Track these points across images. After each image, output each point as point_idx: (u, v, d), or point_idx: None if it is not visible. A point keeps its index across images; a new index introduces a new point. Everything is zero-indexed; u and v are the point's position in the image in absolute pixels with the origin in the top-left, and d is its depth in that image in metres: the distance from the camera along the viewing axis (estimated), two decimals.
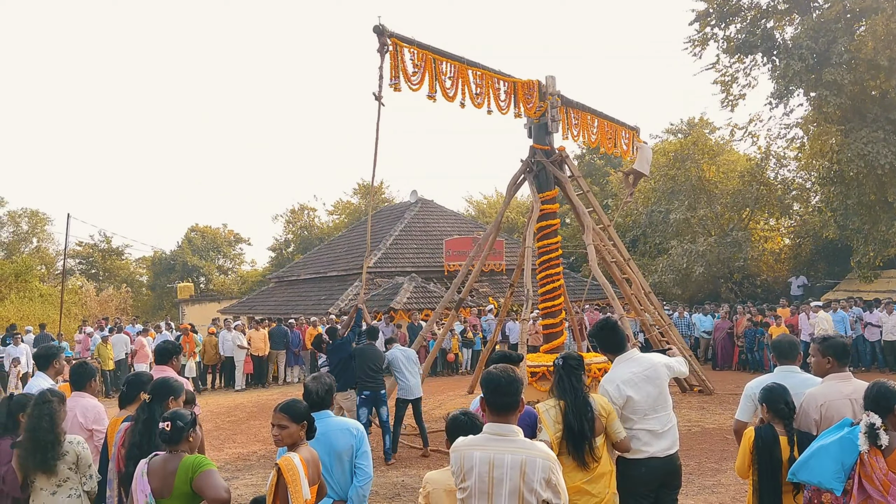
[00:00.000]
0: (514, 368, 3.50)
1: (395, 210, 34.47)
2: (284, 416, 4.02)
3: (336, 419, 4.56)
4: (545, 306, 12.74)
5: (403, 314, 22.20)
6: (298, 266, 34.43)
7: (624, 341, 4.96)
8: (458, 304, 15.21)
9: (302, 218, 53.59)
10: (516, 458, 3.30)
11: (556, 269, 12.82)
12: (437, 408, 14.36)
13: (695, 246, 24.74)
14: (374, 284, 26.21)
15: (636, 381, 4.76)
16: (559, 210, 14.60)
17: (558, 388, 4.54)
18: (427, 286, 24.80)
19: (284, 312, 27.41)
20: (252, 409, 15.43)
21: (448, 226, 31.56)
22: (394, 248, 28.65)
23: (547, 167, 13.13)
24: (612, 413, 4.61)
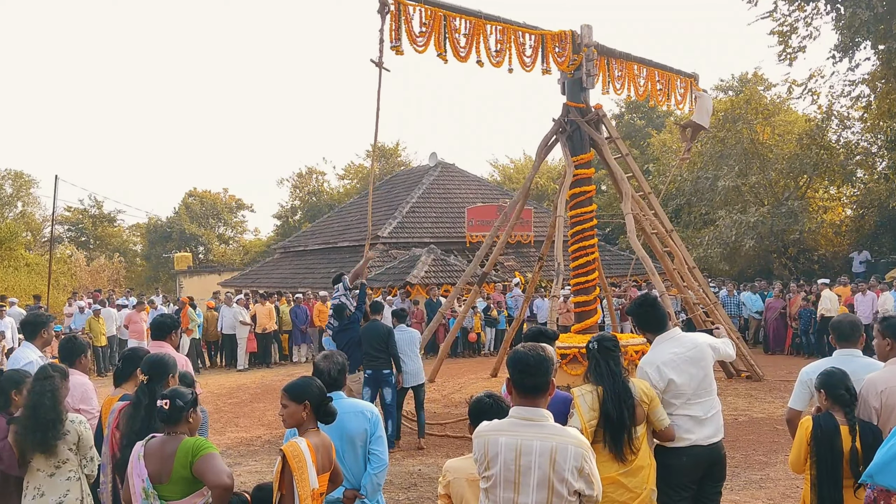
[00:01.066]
0: (544, 346, 3.49)
1: (413, 174, 34.44)
2: (284, 394, 4.10)
3: (349, 401, 4.60)
4: (578, 282, 12.72)
5: (421, 289, 22.28)
6: (306, 235, 34.60)
7: (665, 319, 4.95)
8: (482, 279, 15.23)
9: (310, 183, 53.73)
10: (546, 445, 3.30)
11: (591, 242, 12.76)
12: (458, 391, 14.46)
13: (745, 216, 24.48)
14: (388, 256, 26.29)
15: (678, 362, 4.75)
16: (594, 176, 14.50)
17: (594, 374, 4.54)
18: (447, 259, 24.84)
19: (291, 286, 27.63)
20: (256, 390, 15.63)
21: (471, 192, 31.49)
22: (411, 217, 28.68)
23: (582, 127, 13.02)
24: (655, 399, 4.61)
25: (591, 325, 12.46)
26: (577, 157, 12.97)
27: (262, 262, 37.37)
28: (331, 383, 4.49)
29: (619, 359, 4.58)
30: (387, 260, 25.98)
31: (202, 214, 54.18)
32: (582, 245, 12.71)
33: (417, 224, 28.45)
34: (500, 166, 50.65)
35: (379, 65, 10.12)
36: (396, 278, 23.16)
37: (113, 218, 53.03)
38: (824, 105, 25.24)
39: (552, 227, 14.14)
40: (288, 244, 34.98)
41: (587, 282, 12.63)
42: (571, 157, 12.97)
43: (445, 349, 15.88)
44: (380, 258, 26.06)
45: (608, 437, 4.39)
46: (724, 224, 25.16)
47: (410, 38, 10.24)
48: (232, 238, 56.77)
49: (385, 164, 50.26)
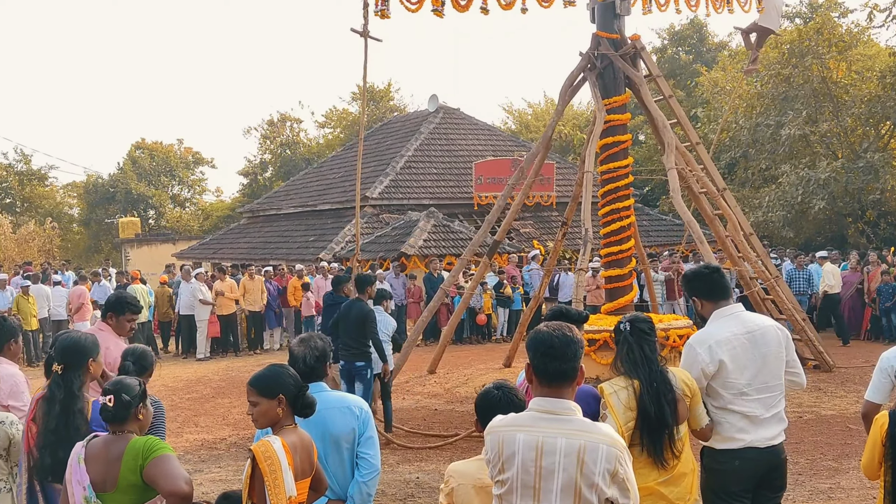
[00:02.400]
0: (571, 327, 3.50)
1: (408, 122, 34.35)
2: (252, 389, 4.09)
3: (333, 394, 4.60)
4: (609, 252, 12.73)
5: (419, 261, 22.33)
6: (279, 196, 34.62)
7: (729, 289, 4.99)
8: (493, 249, 15.24)
9: (283, 132, 53.61)
10: (573, 443, 3.31)
11: (625, 203, 12.76)
12: (464, 384, 14.55)
13: (814, 172, 24.42)
14: (378, 222, 26.31)
15: (735, 344, 4.77)
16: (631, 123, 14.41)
17: (627, 362, 4.56)
18: (450, 224, 24.85)
19: (261, 257, 27.69)
20: (219, 383, 15.74)
21: (479, 143, 31.41)
22: (406, 174, 28.65)
23: (615, 63, 12.95)
24: (698, 393, 4.67)
25: (625, 305, 12.48)
26: (610, 99, 12.91)
27: (226, 228, 37.39)
28: (307, 372, 4.47)
29: (654, 344, 4.59)
30: (377, 226, 25.99)
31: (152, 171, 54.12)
32: (615, 207, 12.70)
33: (414, 182, 28.41)
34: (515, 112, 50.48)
35: (364, 34, 10.10)
36: (389, 248, 23.20)
37: (44, 175, 52.98)
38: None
39: (579, 185, 14.11)
40: (257, 207, 34.98)
41: (620, 252, 12.64)
42: (602, 101, 12.92)
43: (449, 334, 15.94)
44: (368, 224, 26.06)
45: (646, 439, 4.41)
46: (789, 182, 25.11)
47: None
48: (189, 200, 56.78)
49: (374, 110, 50.09)
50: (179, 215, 54.03)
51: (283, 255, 26.90)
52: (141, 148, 55.11)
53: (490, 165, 27.74)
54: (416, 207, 26.74)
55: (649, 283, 17.15)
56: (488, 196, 26.87)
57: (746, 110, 28.03)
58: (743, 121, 27.91)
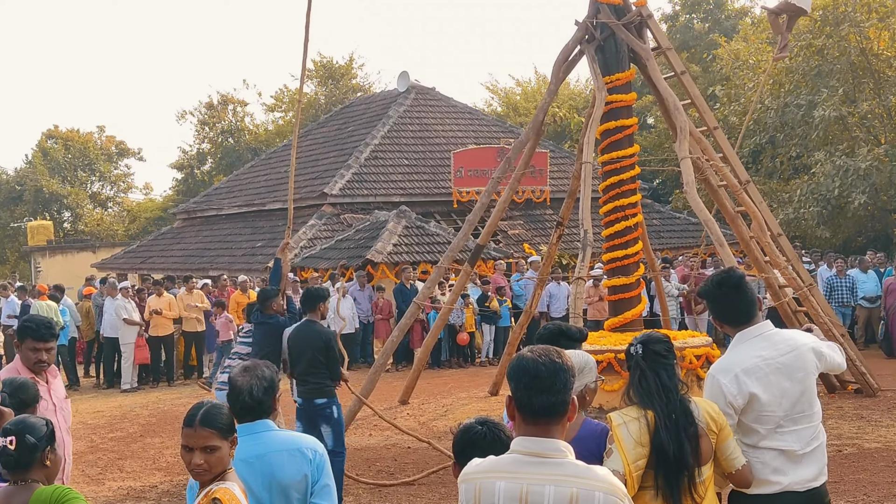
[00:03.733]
0: (561, 351, 3.48)
1: (374, 104, 34.35)
2: (211, 431, 3.98)
3: (281, 435, 4.59)
4: (613, 258, 12.75)
5: (388, 270, 22.29)
6: (220, 193, 34.50)
7: (753, 306, 4.95)
8: (476, 256, 15.23)
9: (225, 117, 53.46)
10: (563, 491, 3.29)
11: (632, 199, 12.79)
12: (442, 416, 14.52)
13: (853, 161, 24.58)
14: (339, 223, 26.25)
15: (766, 371, 4.75)
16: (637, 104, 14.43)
17: (640, 391, 4.53)
18: (425, 226, 24.85)
19: (199, 267, 27.55)
20: (149, 419, 15.63)
21: (459, 129, 31.45)
22: (372, 166, 28.63)
23: (617, 34, 12.99)
24: (726, 427, 4.59)
25: (632, 320, 12.48)
26: (612, 77, 12.94)
27: (157, 232, 37.19)
28: (253, 407, 4.45)
29: (673, 368, 4.57)
30: (337, 229, 25.92)
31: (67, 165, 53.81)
32: (619, 204, 12.72)
33: (382, 176, 28.38)
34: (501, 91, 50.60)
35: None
36: (352, 255, 23.16)
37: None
38: None
39: (576, 178, 14.13)
40: (194, 207, 34.84)
41: (626, 257, 12.65)
42: (603, 78, 12.95)
43: (424, 357, 15.90)
44: (327, 226, 25.99)
45: (661, 482, 4.39)
46: (824, 172, 25.25)
47: None
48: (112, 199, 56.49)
49: (333, 90, 50.06)
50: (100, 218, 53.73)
51: (226, 265, 26.78)
52: (53, 137, 54.77)
53: (472, 155, 27.75)
54: (384, 206, 26.69)
55: (660, 294, 17.19)
56: (470, 192, 26.87)
57: (773, 88, 28.16)
58: (769, 100, 28.03)
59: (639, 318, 12.81)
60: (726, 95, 31.04)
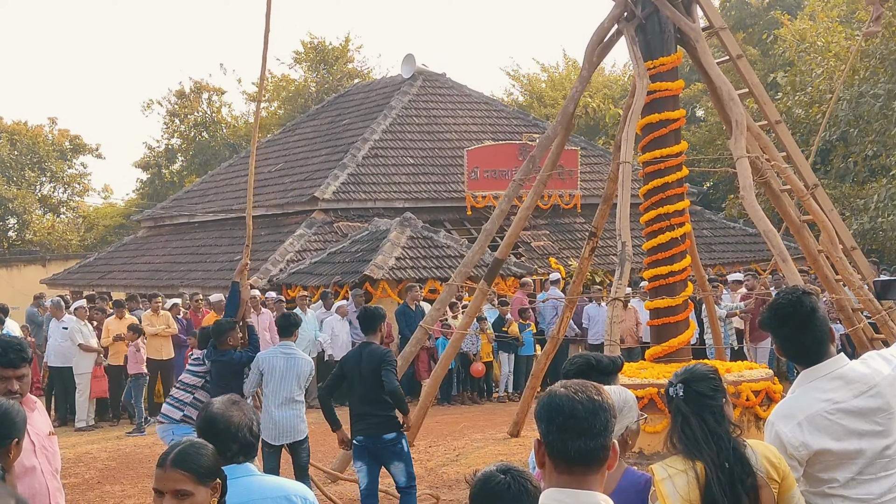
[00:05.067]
0: (599, 387, 3.49)
1: (374, 93, 34.40)
2: (184, 474, 4.01)
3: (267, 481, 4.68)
4: (655, 275, 12.72)
5: (389, 289, 22.29)
6: (192, 197, 34.56)
7: (825, 339, 4.85)
8: (494, 272, 15.23)
9: (198, 107, 53.56)
10: None
11: (678, 206, 12.76)
12: (454, 461, 14.51)
13: None
14: (333, 232, 26.26)
15: (837, 418, 4.71)
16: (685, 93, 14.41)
17: (684, 438, 4.52)
18: (434, 236, 24.85)
19: (168, 283, 27.58)
20: (108, 462, 15.65)
21: (474, 122, 31.47)
22: (371, 165, 28.65)
23: (662, 11, 12.98)
24: (789, 475, 4.57)
25: (678, 348, 12.45)
26: (656, 61, 12.93)
27: (119, 243, 37.24)
28: (247, 447, 4.60)
29: (722, 410, 4.56)
30: (331, 239, 25.92)
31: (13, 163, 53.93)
32: (663, 212, 12.69)
33: (382, 177, 28.39)
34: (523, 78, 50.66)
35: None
36: (347, 270, 23.16)
37: None
38: None
39: (613, 181, 14.12)
40: (162, 213, 34.88)
41: (671, 274, 12.62)
42: (645, 63, 12.93)
43: (432, 391, 15.86)
44: (318, 236, 26.00)
45: None
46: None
47: None
48: (65, 203, 56.56)
49: (325, 76, 50.16)
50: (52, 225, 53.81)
51: (199, 281, 26.77)
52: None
53: (489, 153, 27.75)
54: (386, 212, 26.71)
55: (712, 318, 17.16)
56: (486, 196, 26.85)
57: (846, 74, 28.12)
58: (841, 90, 27.97)
59: (686, 346, 12.76)
60: (790, 83, 30.97)
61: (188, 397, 11.00)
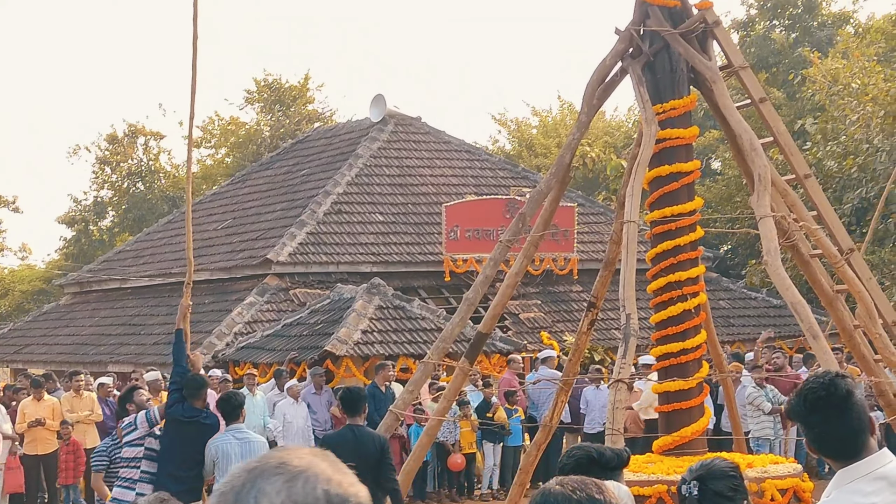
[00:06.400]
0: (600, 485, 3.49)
1: (338, 139, 34.47)
2: None
3: None
4: (665, 352, 12.72)
5: (354, 366, 22.22)
6: (125, 259, 34.45)
7: (863, 434, 4.85)
8: (476, 348, 15.20)
9: (133, 154, 53.54)
10: None
11: (691, 272, 12.79)
12: None
13: None
14: (288, 300, 26.18)
15: None
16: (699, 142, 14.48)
17: None
18: (406, 305, 24.83)
19: (94, 359, 27.40)
20: None
21: (453, 173, 31.56)
22: (334, 223, 28.64)
23: (674, 47, 13.09)
24: None
25: (692, 439, 12.44)
26: (666, 105, 13.00)
27: (38, 311, 37.08)
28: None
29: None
30: (286, 308, 25.85)
31: None
32: (673, 280, 12.72)
33: (347, 237, 28.38)
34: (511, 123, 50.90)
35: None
36: (305, 344, 23.09)
37: None
38: None
39: (615, 243, 14.14)
40: (89, 276, 34.75)
41: (683, 352, 12.62)
42: (653, 107, 13.00)
43: (404, 487, 15.73)
44: (272, 305, 25.93)
45: None
46: None
47: None
48: None
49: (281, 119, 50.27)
50: None
51: (132, 357, 26.64)
52: None
53: (471, 210, 27.81)
54: (350, 277, 26.70)
55: (730, 404, 17.13)
56: (468, 259, 26.87)
57: (885, 122, 28.35)
58: (879, 139, 28.22)
59: (700, 435, 12.73)
60: (820, 131, 31.23)
61: (135, 473, 11.09)
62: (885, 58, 31.52)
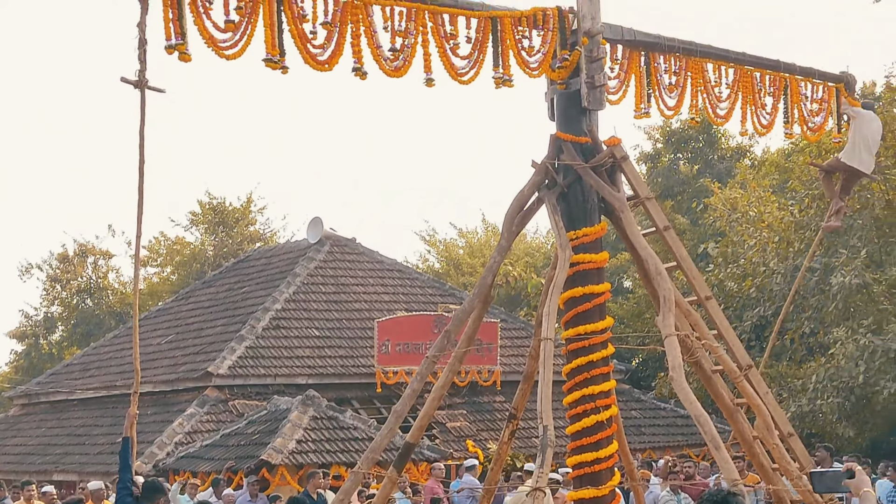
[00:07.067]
0: None
1: (277, 258, 34.46)
2: None
3: None
4: (580, 461, 12.69)
5: (288, 475, 21.99)
6: (73, 372, 34.02)
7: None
8: (404, 456, 15.10)
9: (82, 272, 53.13)
10: None
11: (604, 386, 12.80)
12: None
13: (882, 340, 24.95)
14: (228, 411, 25.95)
15: None
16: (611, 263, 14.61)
17: None
18: (340, 416, 24.67)
19: (41, 469, 26.95)
20: None
21: (385, 291, 31.58)
22: (272, 338, 28.50)
23: (585, 179, 13.22)
24: None
25: None
26: (578, 232, 13.07)
27: None
28: None
29: None
30: (225, 419, 25.60)
31: None
32: (587, 393, 12.71)
33: (284, 350, 28.23)
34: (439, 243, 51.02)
35: (139, 84, 10.29)
36: (243, 454, 22.85)
37: None
38: None
39: (533, 358, 14.14)
40: (37, 389, 34.27)
41: (597, 461, 12.60)
42: (568, 233, 13.09)
43: None
44: (211, 416, 25.67)
45: None
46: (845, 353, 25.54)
47: (205, 32, 10.47)
48: None
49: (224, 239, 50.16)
50: None
51: (77, 466, 26.23)
52: None
53: (401, 325, 27.81)
54: (287, 389, 26.50)
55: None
56: (398, 372, 26.80)
57: (780, 247, 28.67)
58: (775, 263, 28.51)
59: None
60: (721, 255, 31.56)
61: None
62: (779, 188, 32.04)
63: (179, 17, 10.25)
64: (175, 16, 10.25)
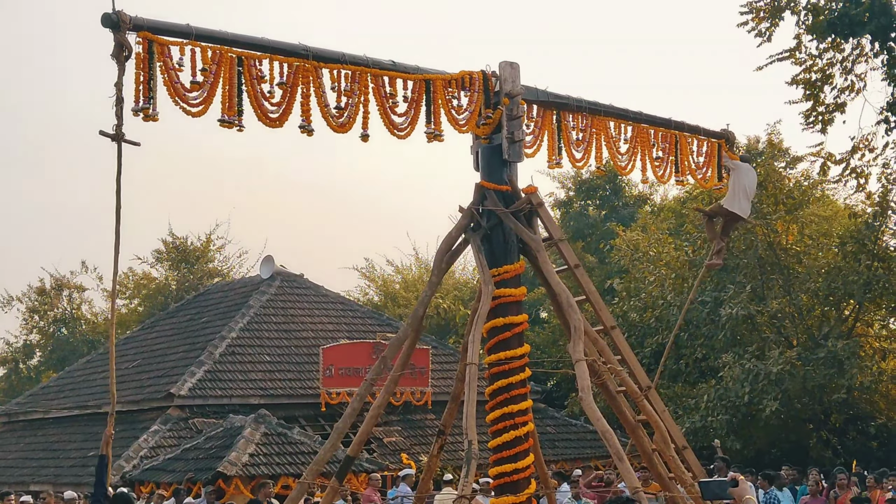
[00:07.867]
0: None
1: (233, 292, 34.24)
2: None
3: None
4: (500, 472, 12.67)
5: (241, 485, 21.77)
6: (49, 393, 33.56)
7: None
8: (345, 468, 15.02)
9: (58, 304, 52.51)
10: None
11: (522, 406, 12.80)
12: None
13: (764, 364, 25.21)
14: (188, 429, 25.68)
15: None
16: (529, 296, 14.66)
17: None
18: (288, 432, 24.49)
19: (19, 480, 26.50)
20: None
21: (329, 321, 31.46)
22: (228, 363, 28.27)
23: (505, 223, 13.28)
24: None
25: None
26: (500, 269, 13.12)
27: None
28: None
29: None
30: (185, 435, 25.33)
31: None
32: (507, 411, 12.70)
33: (239, 374, 28.02)
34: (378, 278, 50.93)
35: (116, 138, 10.19)
36: (201, 466, 22.59)
37: None
38: (876, 192, 26.56)
39: (460, 381, 14.13)
40: (16, 409, 33.74)
41: (516, 472, 12.58)
42: (490, 270, 13.13)
43: None
44: (173, 432, 25.40)
45: None
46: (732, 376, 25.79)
47: (175, 92, 10.44)
48: None
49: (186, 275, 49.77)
50: None
51: (51, 478, 25.81)
52: None
53: (343, 351, 27.70)
54: (241, 409, 26.26)
55: None
56: (341, 393, 26.66)
57: (675, 283, 28.92)
58: (671, 296, 28.74)
59: None
60: (625, 290, 31.79)
61: None
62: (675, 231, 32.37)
63: (150, 79, 10.20)
64: (145, 78, 10.20)
